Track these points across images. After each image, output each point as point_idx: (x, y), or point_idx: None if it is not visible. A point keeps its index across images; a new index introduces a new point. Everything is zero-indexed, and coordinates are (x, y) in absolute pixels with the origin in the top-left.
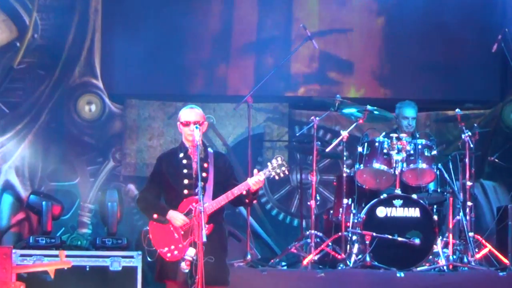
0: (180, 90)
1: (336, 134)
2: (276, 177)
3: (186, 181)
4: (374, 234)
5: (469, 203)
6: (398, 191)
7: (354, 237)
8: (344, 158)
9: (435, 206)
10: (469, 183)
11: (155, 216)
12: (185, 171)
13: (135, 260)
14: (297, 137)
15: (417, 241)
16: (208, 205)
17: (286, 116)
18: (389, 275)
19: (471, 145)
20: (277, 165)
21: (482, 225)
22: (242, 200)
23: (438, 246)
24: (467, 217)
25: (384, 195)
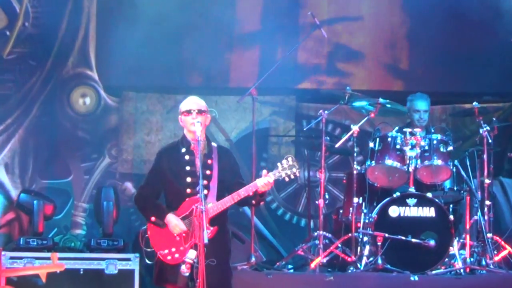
0: (180, 82)
1: (346, 129)
2: (287, 179)
3: (189, 179)
4: (386, 235)
5: (488, 202)
6: (412, 190)
7: (365, 239)
8: (355, 154)
9: (451, 205)
10: (488, 181)
11: (153, 219)
12: (188, 168)
13: (132, 263)
14: (305, 132)
15: (432, 243)
16: (213, 206)
17: (293, 110)
18: (402, 279)
19: (490, 140)
20: (288, 166)
21: (501, 226)
22: (248, 201)
23: (455, 248)
24: (485, 217)
25: (397, 194)
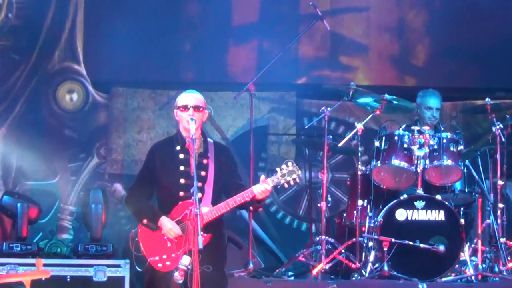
0: (173, 77)
1: (350, 127)
2: (286, 185)
3: (183, 181)
4: (393, 240)
5: (501, 205)
6: (420, 191)
7: (370, 244)
8: (359, 154)
9: (462, 208)
10: (501, 182)
11: (145, 222)
12: (182, 169)
13: (122, 270)
14: (306, 130)
15: (442, 248)
16: (207, 212)
17: (294, 106)
18: (410, 287)
19: (503, 139)
20: (288, 172)
21: None
22: (246, 207)
23: (466, 254)
24: (498, 221)
25: (404, 196)
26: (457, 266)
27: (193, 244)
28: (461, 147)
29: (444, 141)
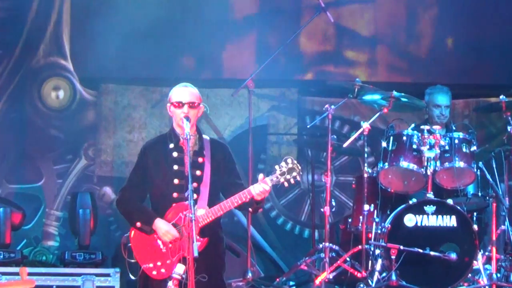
0: (166, 73)
1: (356, 126)
2: (286, 184)
3: (176, 181)
4: (402, 248)
5: None
6: (431, 195)
7: (377, 251)
8: (365, 155)
9: (475, 214)
10: None
11: (138, 225)
12: (176, 168)
13: (112, 279)
14: (308, 130)
15: (454, 256)
16: (203, 215)
17: (295, 104)
18: None
19: None
20: (287, 169)
21: None
22: (245, 208)
23: (479, 262)
24: None
25: (414, 200)
26: (470, 276)
27: (188, 252)
28: (474, 148)
29: (456, 142)
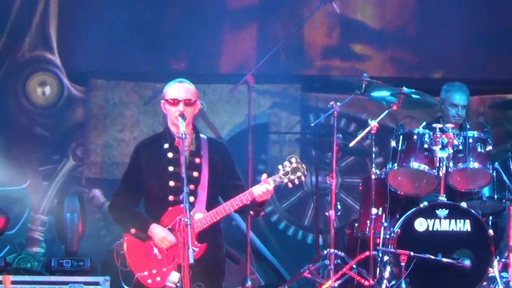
0: (160, 68)
1: (363, 124)
2: (290, 185)
3: (172, 183)
4: (412, 254)
5: None
6: (443, 198)
7: (386, 258)
8: (373, 156)
9: (491, 218)
10: None
11: (133, 231)
12: (171, 169)
13: None
14: (312, 128)
15: (468, 263)
16: (201, 219)
17: (298, 101)
18: None
19: None
20: (291, 169)
21: None
22: (245, 211)
23: (495, 269)
24: None
25: (425, 204)
26: (485, 284)
27: (183, 259)
28: (490, 148)
29: (471, 141)
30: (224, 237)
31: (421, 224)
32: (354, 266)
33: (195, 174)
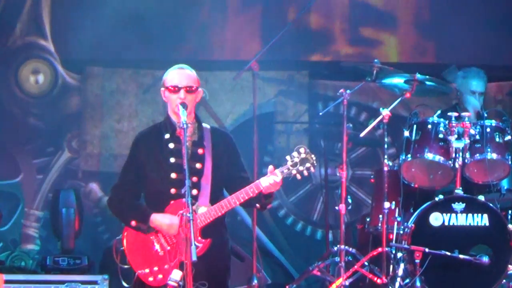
0: (160, 55)
1: (374, 113)
2: (299, 176)
3: (174, 176)
4: (427, 250)
5: None
6: (460, 191)
7: (400, 254)
8: (385, 146)
9: (510, 211)
10: None
11: (133, 224)
12: (172, 161)
13: (100, 287)
14: (321, 118)
15: (486, 260)
16: (205, 213)
17: (305, 89)
18: None
19: None
20: (300, 160)
21: None
22: (252, 204)
23: None
24: None
25: (440, 197)
26: (504, 281)
27: (185, 256)
28: (509, 137)
29: (488, 130)
30: (229, 234)
31: (437, 219)
32: (366, 263)
33: (198, 166)
